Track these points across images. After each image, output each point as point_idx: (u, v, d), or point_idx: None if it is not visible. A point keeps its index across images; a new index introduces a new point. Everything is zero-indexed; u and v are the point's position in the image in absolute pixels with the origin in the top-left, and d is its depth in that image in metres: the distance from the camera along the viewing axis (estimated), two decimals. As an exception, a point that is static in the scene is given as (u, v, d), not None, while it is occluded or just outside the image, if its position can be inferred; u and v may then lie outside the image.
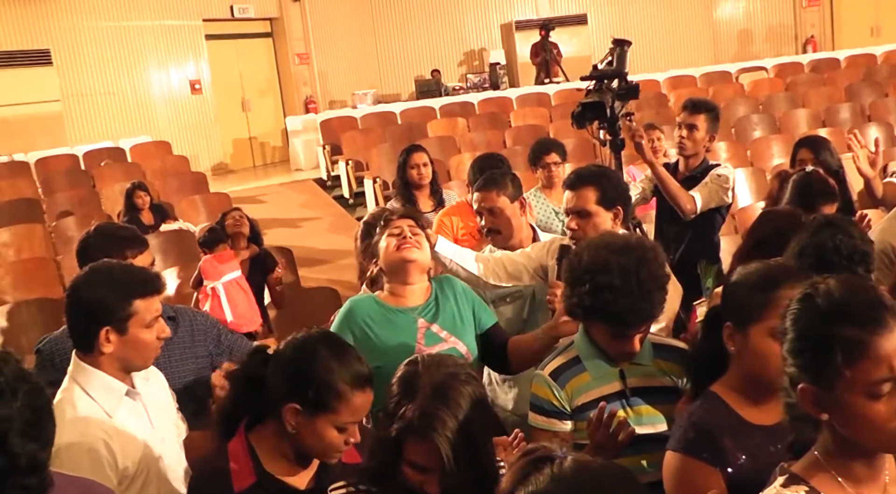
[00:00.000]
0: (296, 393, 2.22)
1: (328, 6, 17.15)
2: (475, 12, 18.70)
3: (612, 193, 3.36)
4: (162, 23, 14.87)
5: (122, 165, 11.71)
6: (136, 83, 14.72)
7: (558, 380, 2.63)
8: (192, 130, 15.19)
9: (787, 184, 3.89)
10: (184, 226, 8.57)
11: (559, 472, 1.47)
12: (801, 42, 18.91)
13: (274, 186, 13.03)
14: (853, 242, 2.68)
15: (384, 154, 11.19)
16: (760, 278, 2.22)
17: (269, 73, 16.99)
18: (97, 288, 2.48)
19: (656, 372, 2.66)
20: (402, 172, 5.79)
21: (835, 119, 10.86)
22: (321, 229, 10.55)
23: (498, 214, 3.80)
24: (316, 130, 13.81)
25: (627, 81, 4.42)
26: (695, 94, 12.88)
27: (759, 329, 2.16)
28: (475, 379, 2.11)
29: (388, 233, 3.16)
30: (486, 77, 17.16)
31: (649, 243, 2.63)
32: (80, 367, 2.51)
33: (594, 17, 18.48)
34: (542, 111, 12.96)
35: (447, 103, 14.09)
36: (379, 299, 3.16)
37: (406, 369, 2.12)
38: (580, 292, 2.53)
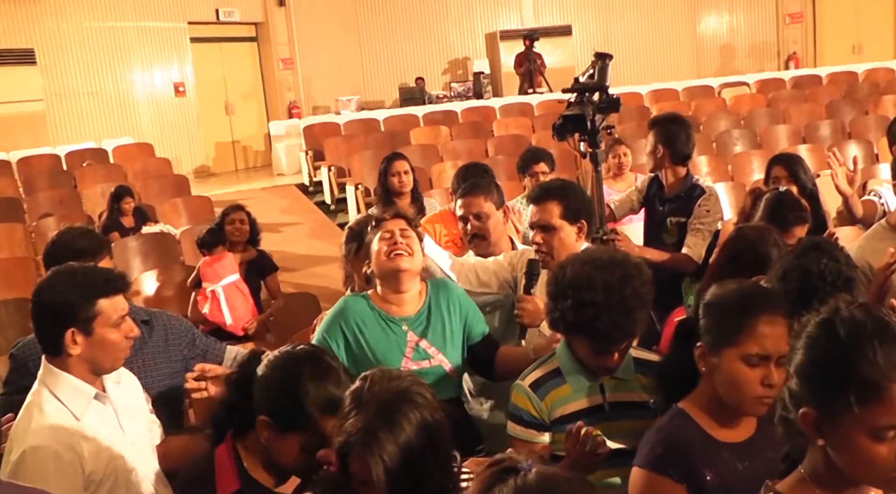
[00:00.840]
0: (268, 408, 2.23)
1: (313, 12, 17.16)
2: (460, 21, 18.75)
3: (575, 206, 3.35)
4: (146, 24, 14.85)
5: (105, 166, 11.65)
6: (120, 84, 14.69)
7: (538, 391, 2.63)
8: (175, 133, 15.16)
9: (760, 201, 3.91)
10: (164, 229, 8.52)
11: (523, 484, 1.47)
12: (784, 58, 19.09)
13: (256, 190, 13.00)
14: (838, 267, 2.68)
15: (366, 161, 11.18)
16: (738, 301, 2.21)
17: (253, 77, 16.98)
18: (60, 290, 2.47)
19: (636, 387, 2.66)
20: (383, 179, 5.80)
21: (815, 136, 10.95)
22: (302, 234, 10.54)
23: (484, 219, 3.85)
24: (299, 136, 13.79)
25: (608, 94, 4.42)
26: (677, 107, 12.96)
27: (733, 354, 2.16)
28: (428, 401, 2.04)
29: (379, 236, 3.13)
30: (469, 86, 17.20)
31: (634, 259, 2.63)
32: (49, 371, 2.49)
33: (578, 28, 18.57)
34: (525, 121, 12.98)
35: (430, 111, 14.10)
36: (372, 302, 3.15)
37: (359, 383, 2.08)
38: (563, 306, 2.53)
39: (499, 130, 12.63)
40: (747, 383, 2.15)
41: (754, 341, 2.14)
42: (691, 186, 4.67)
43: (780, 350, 2.12)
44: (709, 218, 4.51)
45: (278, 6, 16.62)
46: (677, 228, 4.60)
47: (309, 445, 2.21)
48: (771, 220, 3.65)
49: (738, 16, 19.71)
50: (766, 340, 2.14)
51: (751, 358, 2.14)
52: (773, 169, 4.66)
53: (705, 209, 4.52)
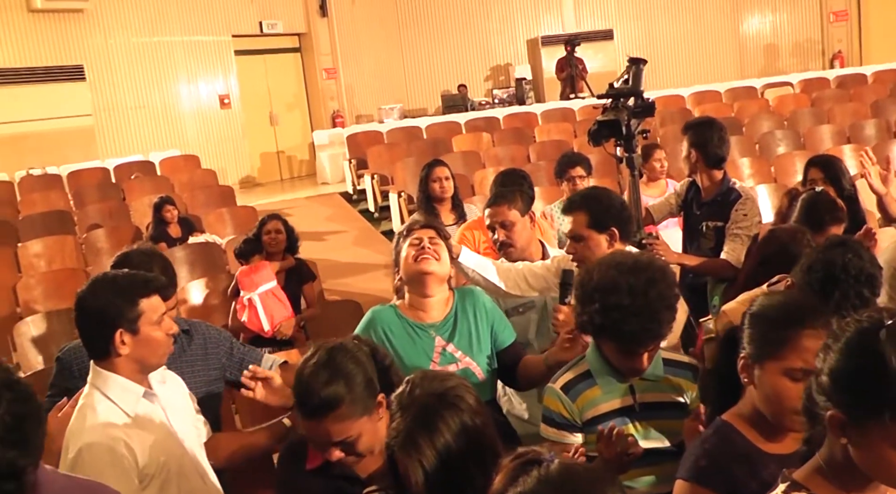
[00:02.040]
0: None
1: (356, 21, 17.32)
2: (501, 27, 18.81)
3: (602, 216, 3.39)
4: (192, 39, 15.12)
5: (152, 178, 11.89)
6: (166, 98, 14.97)
7: (569, 393, 2.67)
8: (221, 144, 15.41)
9: (797, 202, 3.91)
10: (210, 239, 8.68)
11: (546, 474, 1.52)
12: (829, 57, 18.86)
13: (300, 199, 13.16)
14: (862, 263, 2.69)
15: (409, 168, 11.26)
16: (782, 314, 2.18)
17: (296, 87, 17.18)
18: (104, 295, 2.59)
19: (665, 388, 2.70)
20: (424, 185, 5.86)
21: (860, 135, 10.81)
22: (346, 242, 10.65)
23: (510, 227, 3.90)
24: (342, 145, 13.92)
25: (643, 98, 4.45)
26: (719, 109, 12.90)
27: (775, 367, 2.14)
28: (470, 405, 2.08)
29: (408, 243, 3.22)
30: (512, 92, 17.23)
31: (659, 262, 2.66)
32: (98, 373, 2.62)
33: (620, 32, 18.51)
34: (567, 126, 13.00)
35: (472, 118, 14.16)
36: (400, 311, 3.21)
37: (403, 386, 2.14)
38: (590, 310, 2.57)
39: (540, 135, 12.65)
40: (788, 397, 2.11)
41: (797, 355, 2.11)
42: (728, 189, 4.63)
43: None
44: (746, 222, 4.47)
45: (321, 17, 16.82)
46: (714, 232, 4.58)
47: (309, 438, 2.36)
48: (806, 221, 3.65)
49: (782, 15, 19.52)
50: (809, 354, 2.06)
51: (794, 372, 2.11)
52: (809, 171, 4.65)
53: (742, 213, 4.49)
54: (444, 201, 5.84)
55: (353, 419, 2.32)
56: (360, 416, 2.33)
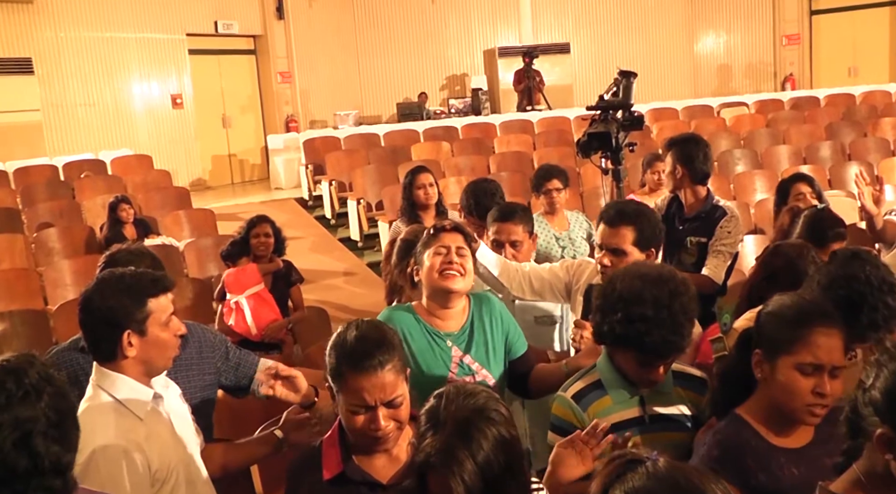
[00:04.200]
0: (327, 373, 2.36)
1: (312, 26, 17.26)
2: (459, 38, 18.90)
3: (649, 234, 3.35)
4: (145, 36, 14.90)
5: (103, 177, 11.66)
6: (118, 95, 14.72)
7: (580, 403, 2.67)
8: (172, 145, 15.19)
9: (798, 219, 3.97)
10: (167, 241, 8.55)
11: (655, 471, 1.52)
12: (780, 79, 19.29)
13: (254, 204, 13.01)
14: (881, 273, 2.74)
15: (368, 175, 11.26)
16: (795, 312, 2.29)
17: (250, 90, 17.05)
18: (111, 295, 2.53)
19: (676, 400, 2.71)
20: (408, 192, 5.83)
21: (816, 157, 11.06)
22: (303, 249, 10.54)
23: (518, 247, 3.91)
24: (297, 150, 13.83)
25: (632, 111, 4.50)
26: (677, 126, 13.09)
27: (787, 362, 2.25)
28: (504, 417, 2.08)
29: (434, 249, 3.13)
30: (468, 102, 17.30)
31: (681, 275, 2.67)
32: (104, 374, 2.55)
33: (577, 46, 18.75)
34: (527, 138, 13.07)
35: (431, 127, 14.14)
36: (418, 314, 3.17)
37: (434, 401, 2.12)
38: (612, 320, 2.57)
39: (500, 146, 12.71)
40: (800, 391, 2.23)
41: (808, 350, 2.22)
42: (712, 206, 4.66)
43: (834, 361, 2.22)
44: (730, 239, 4.52)
45: (277, 19, 16.73)
46: (697, 248, 4.61)
47: (354, 406, 2.28)
48: (809, 237, 3.70)
49: (736, 36, 19.95)
50: (819, 350, 2.22)
51: (804, 367, 2.22)
52: (795, 186, 4.73)
53: (727, 231, 4.53)
54: (428, 207, 5.83)
55: (402, 379, 2.33)
56: (404, 380, 2.34)
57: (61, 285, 7.55)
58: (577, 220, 5.51)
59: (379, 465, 2.38)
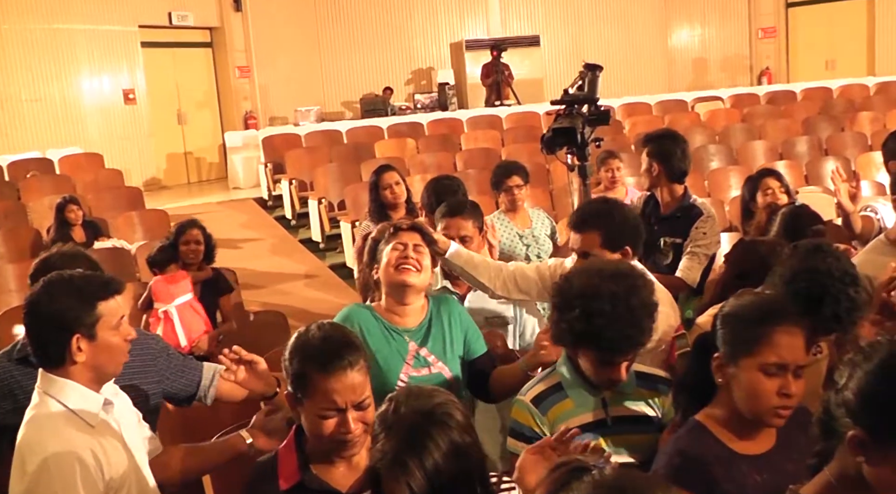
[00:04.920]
0: (288, 382, 2.37)
1: (271, 17, 17.19)
2: (424, 29, 18.91)
3: (616, 234, 3.37)
4: (95, 28, 14.73)
5: (51, 177, 11.56)
6: (66, 91, 14.52)
7: (540, 406, 2.70)
8: (125, 143, 15.00)
9: (776, 216, 4.00)
10: (118, 244, 8.50)
11: (601, 479, 1.52)
12: (757, 73, 19.47)
13: (211, 204, 12.96)
14: (843, 265, 2.78)
15: (330, 174, 11.24)
16: (756, 312, 2.31)
17: (207, 85, 16.94)
18: (60, 297, 2.52)
19: (638, 401, 2.75)
20: (374, 193, 5.83)
21: (792, 152, 11.19)
22: (263, 250, 10.53)
23: (468, 242, 3.92)
24: (257, 147, 13.77)
25: (598, 106, 4.52)
26: (650, 122, 13.17)
27: (750, 364, 2.26)
28: (458, 422, 2.07)
29: (392, 246, 3.23)
30: (434, 97, 17.31)
31: (639, 270, 2.73)
32: (52, 380, 2.53)
33: (547, 39, 18.77)
34: (495, 134, 13.11)
35: (395, 123, 14.16)
36: (376, 312, 3.26)
37: (385, 405, 2.12)
38: (570, 317, 2.60)
39: (467, 143, 12.74)
40: (764, 392, 2.24)
41: (771, 350, 2.24)
42: (689, 205, 4.64)
43: (797, 360, 2.25)
44: (705, 240, 4.49)
45: (235, 11, 16.64)
46: (672, 248, 4.60)
47: (323, 410, 2.29)
48: (786, 234, 3.75)
49: (711, 29, 20.12)
50: (783, 349, 2.24)
51: (768, 367, 2.24)
52: (763, 182, 4.77)
53: (702, 232, 4.51)
54: (397, 206, 5.83)
55: (368, 380, 2.36)
56: (369, 380, 2.37)
57: (5, 291, 7.48)
58: (540, 217, 5.53)
59: (338, 474, 2.39)
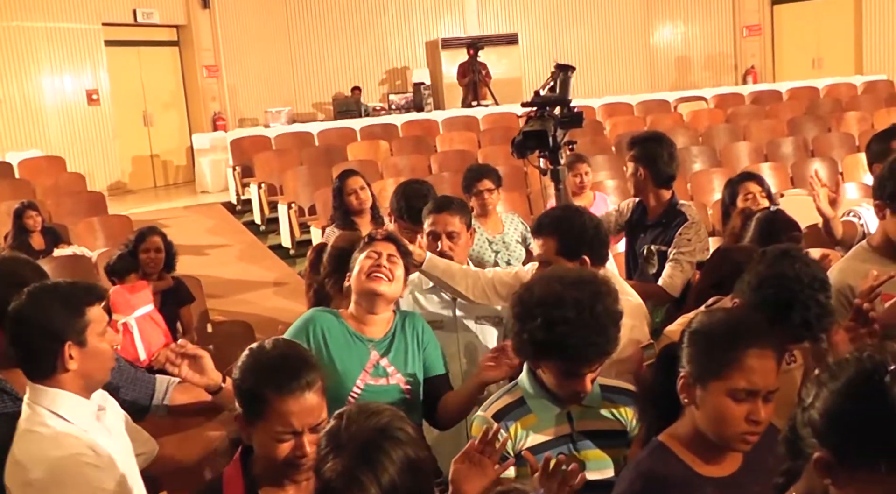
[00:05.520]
0: (238, 401, 2.35)
1: (240, 15, 17.14)
2: (398, 27, 18.90)
3: (573, 243, 3.37)
4: (57, 25, 14.61)
5: (9, 181, 11.46)
6: (26, 91, 14.37)
7: (502, 422, 2.68)
8: (88, 145, 14.88)
9: (751, 222, 4.00)
10: (79, 251, 8.43)
11: None
12: (741, 72, 19.58)
13: (178, 209, 12.88)
14: (812, 270, 2.77)
15: (301, 178, 11.21)
16: (725, 332, 2.27)
17: (174, 85, 16.85)
18: (48, 306, 2.54)
19: (604, 414, 2.74)
20: (339, 199, 5.85)
21: (777, 153, 11.25)
22: (231, 257, 10.48)
23: (455, 238, 3.95)
24: (225, 150, 13.72)
25: (570, 108, 4.51)
26: (631, 122, 13.23)
27: (718, 388, 2.22)
28: (411, 436, 2.09)
29: (366, 254, 3.29)
30: (409, 98, 17.32)
31: (603, 277, 2.72)
32: (42, 391, 2.54)
33: (525, 37, 18.83)
34: (471, 136, 13.12)
35: (368, 124, 14.14)
36: (342, 317, 3.30)
37: (334, 422, 2.12)
38: (531, 327, 2.58)
39: (442, 145, 12.75)
40: (732, 418, 2.21)
41: (742, 375, 2.19)
42: (674, 211, 4.58)
43: (769, 386, 2.21)
44: (689, 247, 4.42)
45: (202, 8, 16.54)
46: (658, 257, 4.53)
47: (279, 433, 2.27)
48: (761, 240, 3.73)
49: (694, 27, 20.20)
50: (754, 374, 2.20)
51: (737, 393, 2.20)
52: (743, 186, 4.78)
53: (686, 239, 4.43)
54: (362, 213, 5.85)
55: (325, 401, 2.36)
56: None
57: (-41, 301, 7.39)
58: (513, 222, 5.52)
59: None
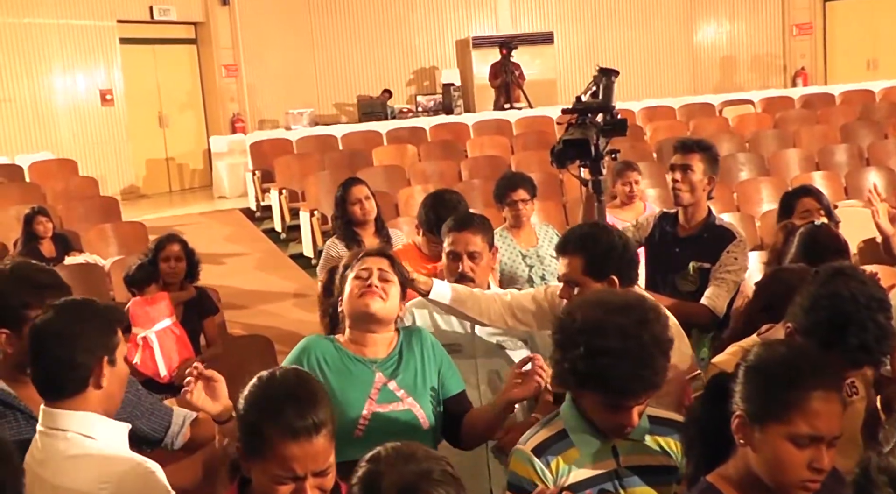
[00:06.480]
0: (239, 432, 2.31)
1: (261, 12, 17.18)
2: (427, 26, 18.89)
3: (601, 262, 3.35)
4: (70, 22, 14.73)
5: (19, 184, 11.55)
6: (37, 90, 14.49)
7: (542, 456, 2.63)
8: (101, 148, 14.98)
9: (793, 237, 3.95)
10: (91, 259, 8.46)
11: None
12: (791, 74, 19.42)
13: (194, 215, 12.96)
14: (868, 289, 2.71)
15: (323, 184, 11.18)
16: (787, 371, 2.20)
17: (191, 85, 16.96)
18: (85, 320, 2.53)
19: (652, 449, 2.69)
20: (341, 209, 5.81)
21: (829, 162, 11.12)
22: (248, 266, 10.49)
23: (477, 258, 3.88)
24: (244, 153, 13.78)
25: (614, 114, 4.46)
26: (673, 126, 13.15)
27: (778, 431, 2.16)
28: (450, 475, 2.06)
29: (356, 273, 3.21)
30: (438, 99, 17.29)
31: (650, 302, 2.66)
32: (70, 415, 2.50)
33: (561, 36, 18.76)
34: (503, 140, 13.08)
35: (395, 128, 14.14)
36: (338, 343, 3.22)
37: (368, 466, 2.07)
38: (573, 356, 2.53)
39: (473, 150, 12.72)
40: (793, 465, 2.15)
41: (805, 419, 2.13)
42: (715, 226, 4.56)
43: (833, 431, 2.14)
44: (735, 266, 4.40)
45: (221, 5, 16.64)
46: (699, 274, 4.47)
47: (277, 476, 2.22)
48: (806, 257, 3.70)
49: (740, 25, 20.06)
50: (818, 419, 2.13)
51: (799, 439, 2.14)
52: (800, 202, 4.72)
53: (734, 257, 4.41)
54: (366, 224, 5.81)
55: (333, 443, 2.30)
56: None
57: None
58: (547, 234, 5.48)
59: None
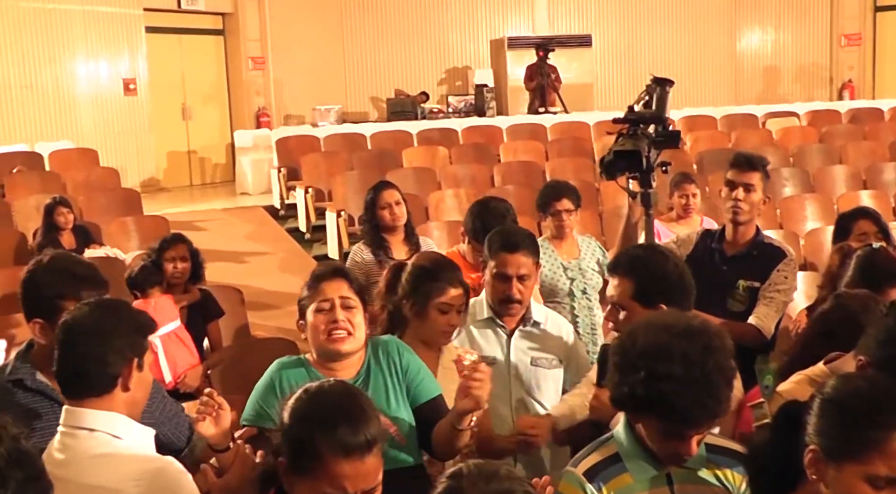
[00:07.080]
0: (284, 447, 2.31)
1: (291, 5, 17.24)
2: (461, 24, 18.90)
3: (651, 288, 3.32)
4: (95, 9, 14.80)
5: (39, 174, 11.60)
6: (59, 78, 14.57)
7: (594, 480, 2.62)
8: (122, 138, 15.04)
9: (849, 260, 3.93)
10: (111, 253, 8.48)
11: None
12: (837, 86, 19.31)
13: (216, 211, 12.97)
14: None
15: (351, 184, 11.17)
16: (868, 408, 2.15)
17: (216, 77, 17.03)
18: (122, 320, 2.58)
19: (709, 479, 2.66)
20: (370, 213, 5.79)
21: (878, 180, 11.01)
22: (271, 266, 10.49)
23: (527, 280, 3.88)
24: (269, 149, 13.78)
25: (666, 126, 4.44)
26: (715, 137, 13.10)
27: (855, 470, 2.12)
28: (528, 491, 2.09)
29: (316, 305, 3.20)
30: (470, 101, 17.29)
31: (715, 328, 2.63)
32: (91, 414, 2.51)
33: (599, 39, 18.73)
34: (538, 146, 13.03)
35: (426, 129, 14.12)
36: (309, 363, 3.24)
37: (449, 483, 2.09)
38: (633, 380, 2.51)
39: (506, 154, 12.70)
40: None
41: (884, 460, 2.09)
42: (765, 243, 4.56)
43: None
44: (785, 285, 4.39)
45: (251, -5, 16.74)
46: (749, 293, 4.44)
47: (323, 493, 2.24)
48: (863, 281, 3.69)
49: (786, 34, 19.97)
50: None
51: (877, 480, 2.10)
52: (857, 224, 4.70)
53: (783, 275, 4.40)
54: (395, 230, 5.79)
55: (382, 461, 2.31)
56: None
57: (-16, 299, 7.46)
58: (590, 246, 5.46)
59: None
